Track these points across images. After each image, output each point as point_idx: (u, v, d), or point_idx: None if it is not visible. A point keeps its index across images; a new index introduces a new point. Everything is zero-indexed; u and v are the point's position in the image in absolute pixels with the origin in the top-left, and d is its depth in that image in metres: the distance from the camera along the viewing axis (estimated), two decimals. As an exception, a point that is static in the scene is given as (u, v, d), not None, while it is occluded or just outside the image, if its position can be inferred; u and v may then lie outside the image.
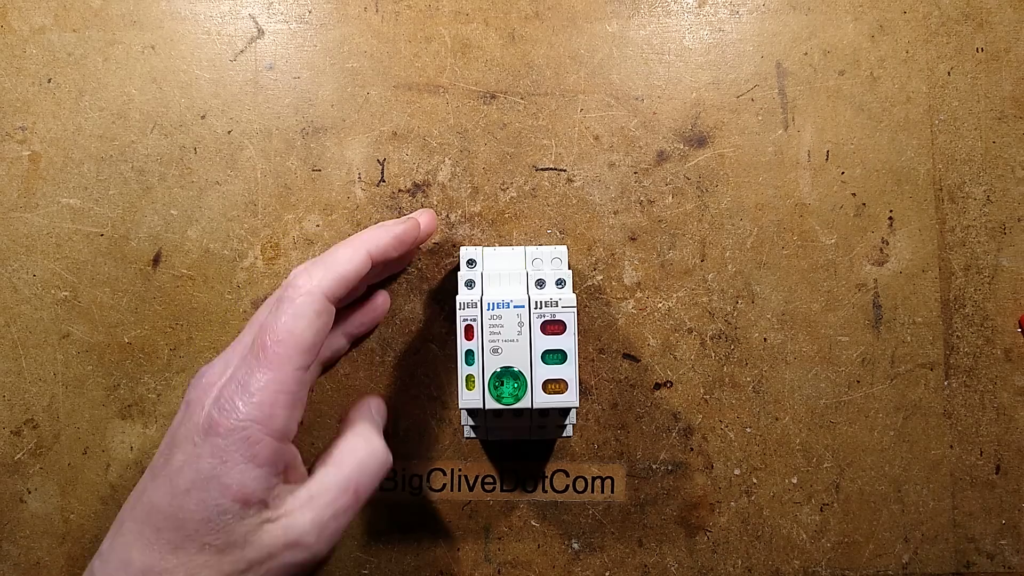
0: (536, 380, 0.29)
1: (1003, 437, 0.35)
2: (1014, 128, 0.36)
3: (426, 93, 0.36)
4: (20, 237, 0.36)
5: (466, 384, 0.29)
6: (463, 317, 0.29)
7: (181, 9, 0.37)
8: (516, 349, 0.29)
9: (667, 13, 0.36)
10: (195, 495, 0.26)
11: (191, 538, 0.26)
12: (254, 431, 0.26)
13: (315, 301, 0.27)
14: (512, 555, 0.36)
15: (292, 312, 0.27)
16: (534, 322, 0.29)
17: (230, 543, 0.26)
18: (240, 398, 0.26)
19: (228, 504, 0.26)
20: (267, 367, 0.26)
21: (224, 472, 0.26)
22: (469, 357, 0.29)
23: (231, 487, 0.26)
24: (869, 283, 0.36)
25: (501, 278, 0.31)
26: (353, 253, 0.29)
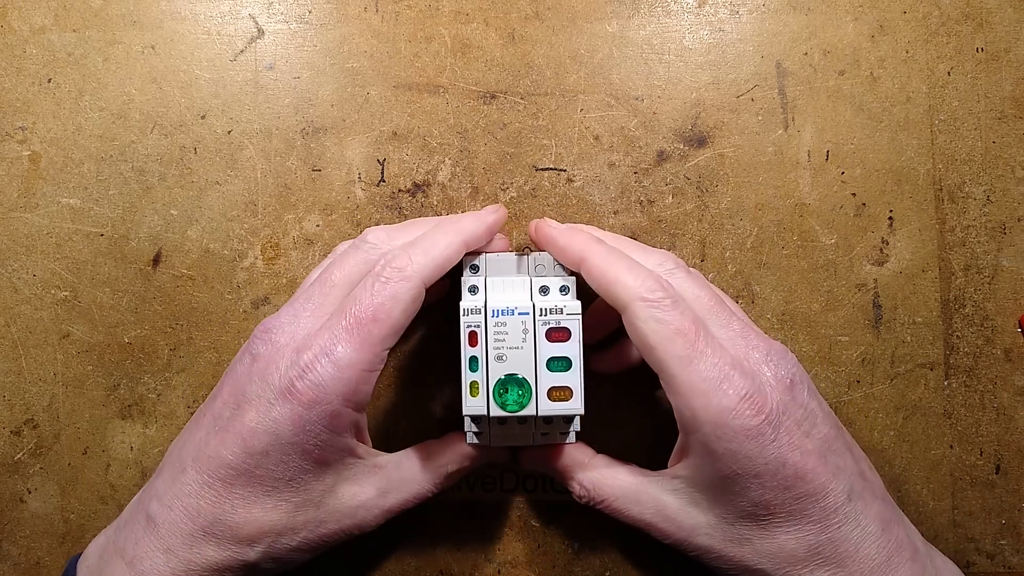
0: (541, 387, 0.29)
1: (1003, 437, 0.35)
2: (1014, 128, 0.36)
3: (426, 93, 0.36)
4: (20, 237, 0.36)
5: (470, 391, 0.29)
6: (467, 323, 0.29)
7: (181, 9, 0.37)
8: (520, 356, 0.29)
9: (667, 13, 0.36)
10: (274, 457, 0.27)
11: (268, 495, 0.27)
12: (338, 405, 0.27)
13: (413, 287, 0.28)
14: (512, 555, 0.36)
15: (391, 294, 0.28)
16: (539, 329, 0.29)
17: (306, 501, 0.28)
18: (327, 371, 0.27)
19: (310, 466, 0.28)
20: (359, 345, 0.27)
21: (306, 440, 0.27)
22: (473, 363, 0.29)
23: (313, 453, 0.27)
24: (869, 283, 0.36)
25: (505, 284, 0.31)
26: (451, 240, 0.29)
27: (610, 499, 0.31)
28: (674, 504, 0.29)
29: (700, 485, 0.28)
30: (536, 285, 0.31)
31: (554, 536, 0.36)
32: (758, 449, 0.26)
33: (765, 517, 0.27)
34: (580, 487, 0.31)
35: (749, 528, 0.27)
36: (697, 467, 0.28)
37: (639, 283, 0.28)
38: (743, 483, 0.27)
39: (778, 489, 0.26)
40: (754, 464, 0.26)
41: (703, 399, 0.26)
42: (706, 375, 0.26)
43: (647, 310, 0.27)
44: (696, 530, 0.29)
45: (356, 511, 0.29)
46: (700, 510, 0.29)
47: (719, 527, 0.28)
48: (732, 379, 0.26)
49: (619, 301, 0.28)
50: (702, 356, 0.27)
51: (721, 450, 0.26)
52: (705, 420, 0.26)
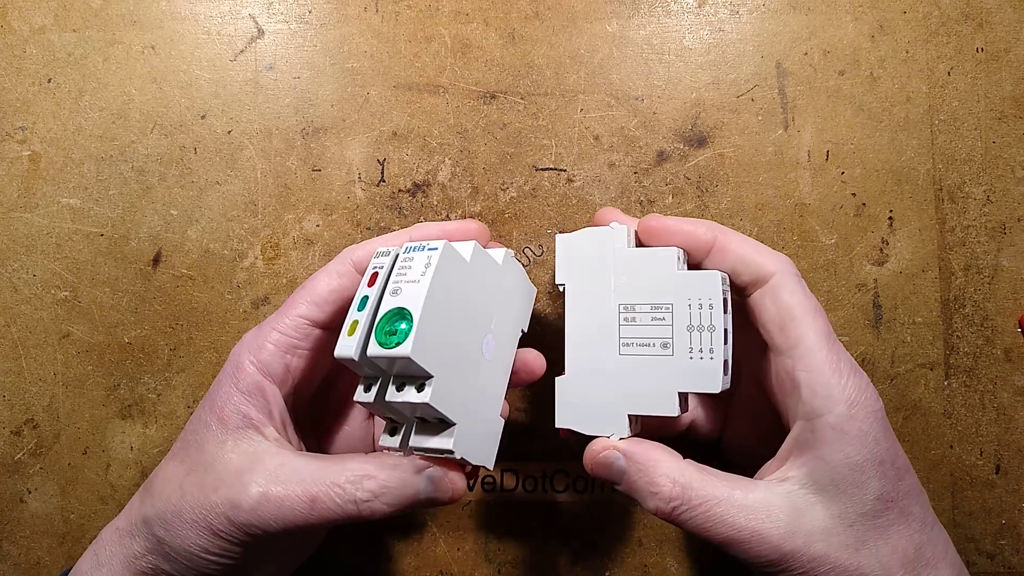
0: None
1: (1003, 437, 0.35)
2: (1014, 128, 0.36)
3: (426, 93, 0.36)
4: (20, 237, 0.36)
5: (347, 331, 0.26)
6: (374, 265, 0.27)
7: (181, 9, 0.37)
8: (415, 291, 0.25)
9: (667, 13, 0.36)
10: (197, 413, 0.29)
11: (181, 449, 0.29)
12: (243, 358, 0.29)
13: (341, 263, 0.29)
14: (512, 555, 0.36)
15: (321, 270, 0.30)
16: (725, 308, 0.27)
17: (200, 463, 0.28)
18: (251, 332, 0.29)
19: (210, 419, 0.28)
20: (281, 310, 0.29)
21: (216, 391, 0.28)
22: (362, 303, 0.26)
23: (216, 405, 0.28)
24: (869, 283, 0.36)
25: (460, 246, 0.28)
26: (395, 235, 0.30)
27: (711, 502, 0.26)
28: (787, 509, 0.26)
29: (817, 483, 0.26)
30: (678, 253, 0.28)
31: (554, 536, 0.36)
32: (883, 433, 0.26)
33: (883, 514, 0.25)
34: (673, 485, 0.26)
35: (867, 529, 0.25)
36: (819, 459, 0.26)
37: (779, 259, 0.28)
38: (868, 472, 0.25)
39: (894, 480, 0.26)
40: (880, 449, 0.25)
41: (841, 378, 0.26)
42: (843, 355, 0.26)
43: (796, 282, 0.27)
44: (812, 536, 0.25)
45: (233, 483, 0.26)
46: (816, 512, 0.25)
47: (837, 530, 0.25)
48: (857, 366, 0.27)
49: (765, 272, 0.27)
50: (835, 341, 0.27)
51: (855, 431, 0.25)
52: (843, 398, 0.25)
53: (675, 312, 0.28)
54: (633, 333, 0.28)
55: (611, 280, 0.29)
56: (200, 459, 0.27)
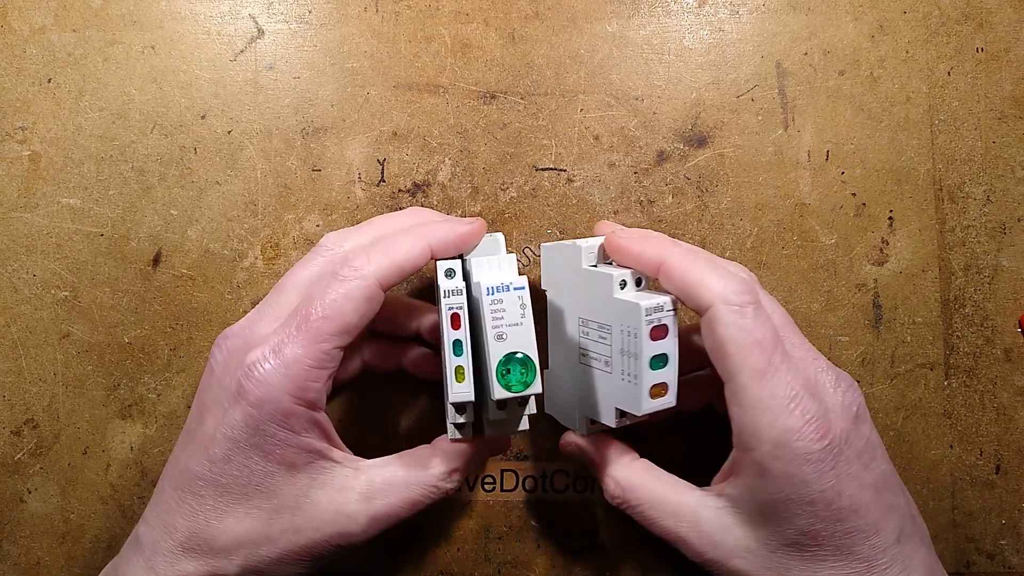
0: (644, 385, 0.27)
1: (1003, 437, 0.35)
2: (1014, 128, 0.36)
3: (426, 93, 0.36)
4: (20, 237, 0.36)
5: (455, 376, 0.27)
6: (448, 305, 0.28)
7: (181, 9, 0.37)
8: (521, 334, 0.27)
9: (667, 13, 0.36)
10: (236, 462, 0.27)
11: (239, 503, 0.27)
12: (287, 402, 0.26)
13: (368, 286, 0.27)
14: (512, 555, 0.36)
15: (344, 292, 0.27)
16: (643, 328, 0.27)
17: (280, 507, 0.27)
18: (273, 368, 0.26)
19: (274, 468, 0.27)
20: (306, 341, 0.26)
21: (263, 441, 0.26)
22: (457, 347, 0.27)
23: (273, 453, 0.27)
24: (869, 283, 0.36)
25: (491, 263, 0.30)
26: (415, 243, 0.28)
27: (645, 505, 0.29)
28: (714, 522, 0.27)
29: (747, 507, 0.27)
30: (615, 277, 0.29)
31: (554, 536, 0.36)
32: (816, 475, 0.25)
33: (811, 548, 0.26)
34: (616, 486, 0.30)
35: (791, 558, 0.26)
36: (748, 487, 0.27)
37: (723, 285, 0.26)
38: (794, 509, 0.25)
39: (830, 520, 0.25)
40: (809, 490, 0.25)
41: (769, 416, 0.25)
42: (777, 392, 0.25)
43: (731, 315, 0.26)
44: (733, 552, 0.27)
45: (337, 517, 0.28)
46: (742, 532, 0.27)
47: (759, 553, 0.27)
48: (801, 400, 0.25)
49: (702, 302, 0.27)
50: (776, 372, 0.26)
51: (778, 471, 0.25)
52: (767, 438, 0.25)
53: (612, 334, 0.29)
54: (588, 346, 0.30)
55: (574, 294, 0.31)
56: (280, 504, 0.27)
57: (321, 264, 0.30)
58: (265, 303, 0.30)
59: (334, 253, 0.30)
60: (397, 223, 0.31)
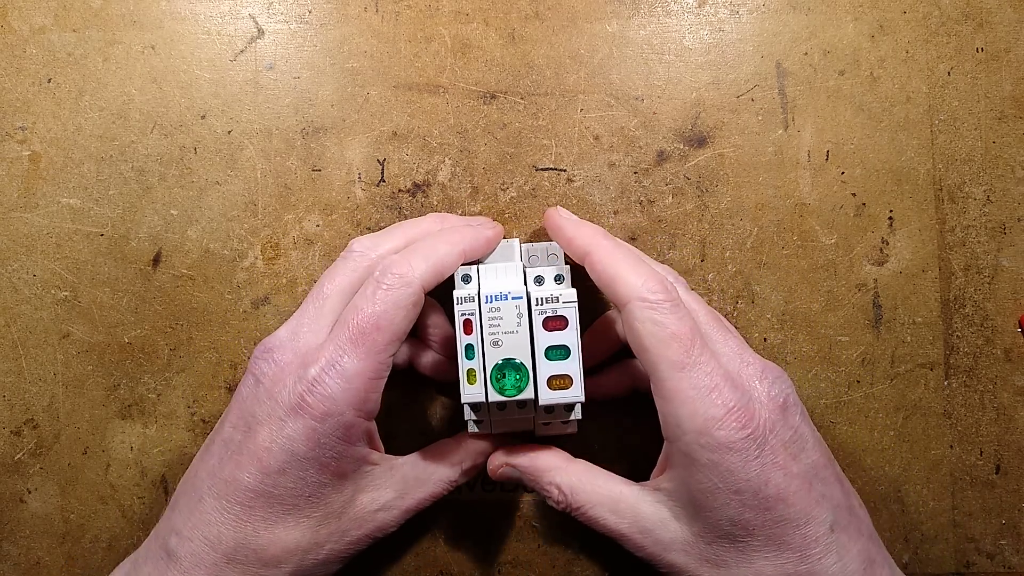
0: (541, 377, 0.29)
1: (1003, 437, 0.35)
2: (1014, 128, 0.36)
3: (426, 93, 0.36)
4: (20, 237, 0.36)
5: (468, 379, 0.29)
6: (461, 312, 0.29)
7: (181, 9, 0.37)
8: (516, 341, 0.29)
9: (667, 13, 0.36)
10: (292, 475, 0.27)
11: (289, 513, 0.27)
12: (350, 416, 0.27)
13: (414, 293, 0.28)
14: (512, 555, 0.36)
15: (392, 301, 0.27)
16: (535, 319, 0.29)
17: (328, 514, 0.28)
18: (336, 383, 0.27)
19: (328, 480, 0.27)
20: (364, 354, 0.27)
21: (322, 453, 0.27)
22: (469, 351, 0.29)
23: (330, 465, 0.27)
24: (869, 283, 0.36)
25: (497, 271, 0.31)
26: (451, 249, 0.29)
27: (587, 506, 0.30)
28: (652, 517, 0.28)
29: (680, 499, 0.28)
30: (531, 275, 0.31)
31: (554, 536, 0.36)
32: (740, 463, 0.25)
33: (743, 539, 0.26)
34: (558, 491, 0.30)
35: (726, 550, 0.27)
36: (679, 479, 0.27)
37: (641, 282, 0.27)
38: (723, 498, 0.26)
39: (758, 509, 0.26)
40: (735, 478, 0.26)
41: (690, 407, 0.26)
42: (696, 383, 0.26)
43: (646, 311, 0.27)
44: (671, 546, 0.28)
45: (377, 515, 0.30)
46: (679, 525, 0.28)
47: (696, 545, 0.27)
48: (721, 390, 0.26)
49: (619, 298, 0.28)
50: (695, 364, 0.26)
51: (703, 460, 0.26)
52: (689, 428, 0.26)
53: None
54: None
55: None
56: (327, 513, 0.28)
57: (359, 271, 0.30)
58: (304, 312, 0.30)
59: (370, 259, 0.30)
60: (425, 227, 0.32)
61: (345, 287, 0.30)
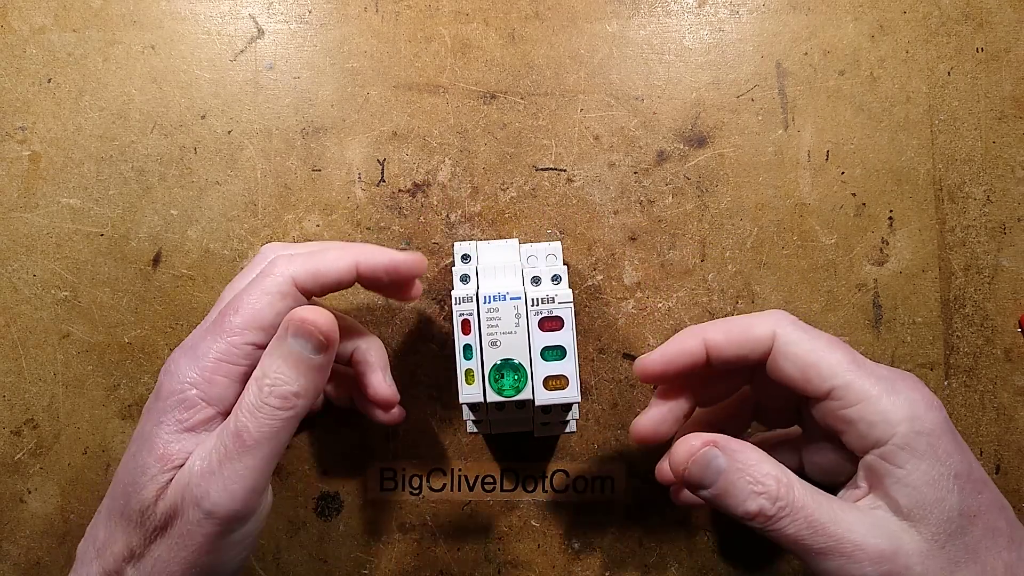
0: (537, 377, 0.29)
1: (1003, 437, 0.35)
2: (1014, 128, 0.36)
3: (426, 93, 0.36)
4: (20, 237, 0.36)
5: (465, 379, 0.29)
6: (459, 312, 0.29)
7: (181, 9, 0.37)
8: (515, 341, 0.29)
9: (667, 13, 0.36)
10: (132, 459, 0.26)
11: (128, 504, 0.26)
12: (191, 395, 0.26)
13: (283, 283, 0.27)
14: (512, 555, 0.36)
15: (259, 289, 0.27)
16: (531, 319, 0.29)
17: (136, 513, 0.26)
18: (186, 361, 0.26)
19: (150, 462, 0.26)
20: (219, 335, 0.26)
21: (157, 432, 0.26)
22: (467, 352, 0.29)
23: (157, 446, 0.26)
24: (869, 283, 0.36)
25: (496, 271, 0.31)
26: (340, 255, 0.28)
27: (810, 507, 0.24)
28: (884, 531, 0.24)
29: (903, 508, 0.24)
30: (528, 275, 0.31)
31: (554, 536, 0.36)
32: (952, 445, 0.24)
33: (969, 531, 0.24)
34: (778, 484, 0.25)
35: (957, 550, 0.24)
36: (897, 484, 0.24)
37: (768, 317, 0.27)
38: (947, 485, 0.24)
39: (974, 492, 0.24)
40: (952, 461, 0.24)
41: (891, 397, 0.24)
42: (878, 375, 0.25)
43: (793, 333, 0.26)
44: (911, 559, 0.24)
45: (195, 505, 0.26)
46: (910, 536, 0.24)
47: (932, 553, 0.24)
48: (892, 375, 0.25)
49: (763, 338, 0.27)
50: (863, 360, 0.25)
51: (923, 447, 0.24)
52: (902, 417, 0.24)
53: None
54: None
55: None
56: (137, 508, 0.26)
57: (252, 272, 0.29)
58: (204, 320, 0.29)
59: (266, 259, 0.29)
60: (336, 243, 0.31)
61: (237, 287, 0.29)
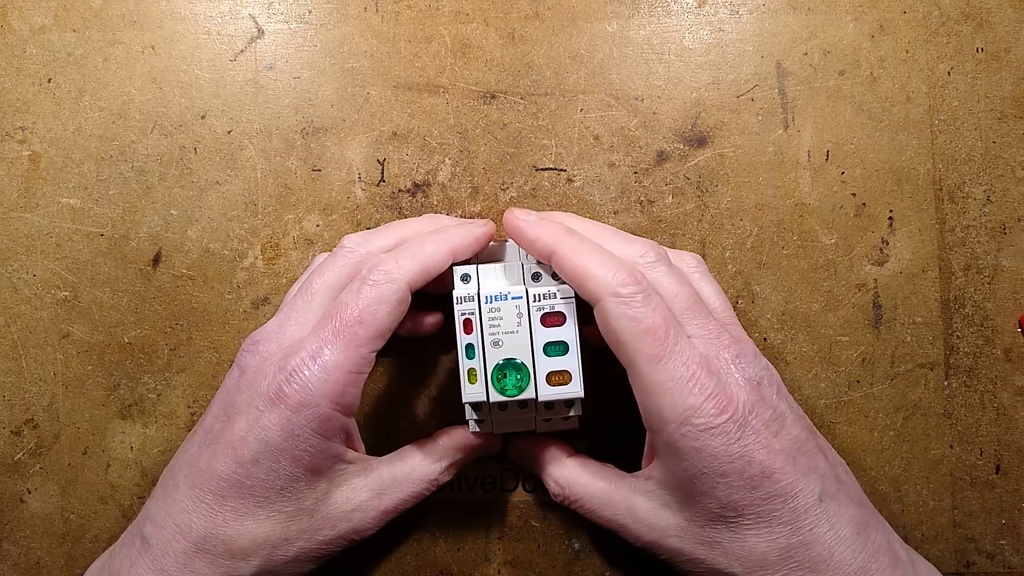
0: (539, 372, 0.29)
1: (1003, 437, 0.35)
2: (1014, 128, 0.36)
3: (426, 93, 0.36)
4: (20, 237, 0.36)
5: (468, 378, 0.29)
6: (461, 311, 0.29)
7: (181, 9, 0.37)
8: (517, 340, 0.29)
9: (667, 13, 0.36)
10: (265, 465, 0.27)
11: (260, 506, 0.27)
12: (326, 408, 0.27)
13: (400, 290, 0.28)
14: (512, 555, 0.36)
15: (377, 296, 0.28)
16: (533, 315, 0.29)
17: (300, 510, 0.28)
18: (314, 374, 0.27)
19: (301, 474, 0.27)
20: (344, 347, 0.27)
21: (295, 445, 0.27)
22: (470, 351, 0.29)
23: (303, 459, 0.27)
24: (869, 283, 0.36)
25: (497, 270, 0.31)
26: (439, 248, 0.29)
27: (583, 499, 0.31)
28: (645, 506, 0.29)
29: (670, 486, 0.28)
30: (528, 272, 0.31)
31: (554, 536, 0.36)
32: (723, 447, 0.26)
33: (734, 519, 0.27)
34: (555, 485, 0.32)
35: (718, 530, 0.27)
36: (665, 467, 0.28)
37: (611, 276, 0.27)
38: (710, 482, 0.26)
39: (745, 488, 0.26)
40: (719, 462, 0.26)
41: (669, 398, 0.26)
42: (674, 374, 0.26)
43: (618, 307, 0.27)
44: (666, 532, 0.28)
45: (352, 515, 0.29)
46: (670, 512, 0.28)
47: (689, 529, 0.28)
48: (699, 378, 0.26)
49: (591, 296, 0.28)
50: (671, 355, 0.26)
51: (686, 448, 0.26)
52: (670, 418, 0.26)
53: None
54: None
55: None
56: (299, 509, 0.28)
57: (348, 267, 0.30)
58: (292, 306, 0.30)
59: (360, 256, 0.30)
60: (417, 227, 0.32)
61: (333, 282, 0.30)
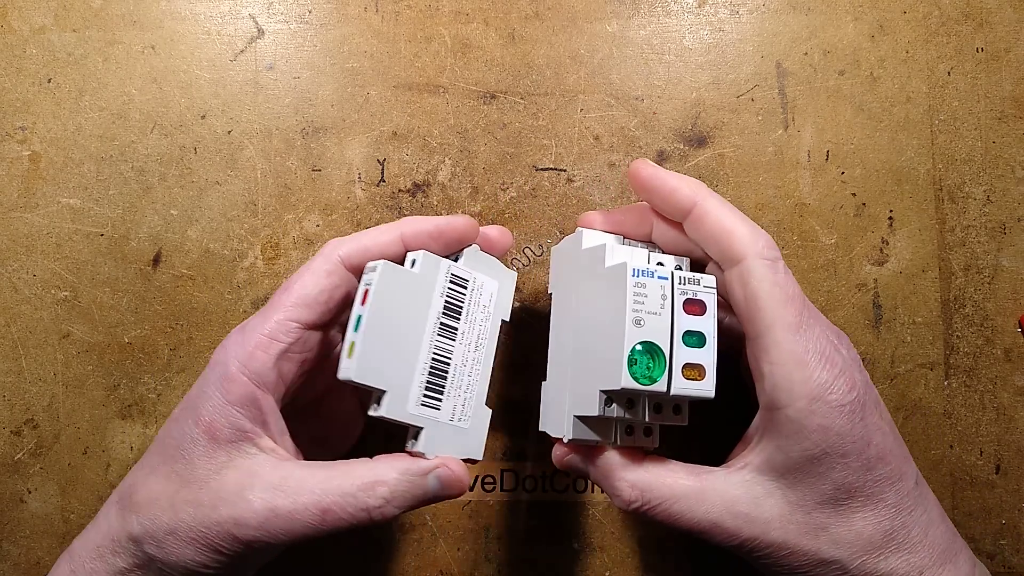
0: (676, 364, 0.25)
1: (1003, 437, 0.35)
2: (1014, 128, 0.36)
3: (426, 93, 0.36)
4: (20, 237, 0.36)
5: (348, 352, 0.26)
6: (366, 281, 0.27)
7: (181, 9, 0.37)
8: (658, 324, 0.25)
9: (667, 13, 0.36)
10: (177, 422, 0.27)
11: (164, 463, 0.27)
12: (233, 366, 0.27)
13: (328, 261, 0.28)
14: (512, 555, 0.36)
15: (306, 267, 0.28)
16: (676, 299, 0.26)
17: (193, 477, 0.26)
18: (232, 335, 0.28)
19: (197, 434, 0.26)
20: (264, 312, 0.28)
21: (200, 403, 0.27)
22: (358, 323, 0.26)
23: (203, 418, 0.27)
24: (869, 283, 0.36)
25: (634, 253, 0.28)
26: (385, 229, 0.29)
27: (668, 501, 0.27)
28: (745, 498, 0.26)
29: (775, 471, 0.26)
30: (653, 259, 0.28)
31: (554, 536, 0.36)
32: (849, 426, 0.25)
33: (845, 501, 0.26)
34: (632, 489, 0.27)
35: (826, 515, 0.26)
36: (777, 449, 0.26)
37: (757, 238, 0.26)
38: (829, 463, 0.25)
39: (861, 470, 0.25)
40: (843, 442, 0.25)
41: (804, 371, 0.25)
42: (810, 347, 0.25)
43: (765, 269, 0.26)
44: (770, 524, 0.26)
45: (235, 500, 0.26)
46: (774, 500, 0.26)
47: (794, 517, 0.26)
48: (829, 355, 0.25)
49: (734, 253, 0.26)
50: (808, 328, 0.26)
51: (813, 426, 0.25)
52: (803, 393, 0.25)
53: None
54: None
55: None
56: (191, 475, 0.26)
57: None
58: None
59: None
60: None
61: None
